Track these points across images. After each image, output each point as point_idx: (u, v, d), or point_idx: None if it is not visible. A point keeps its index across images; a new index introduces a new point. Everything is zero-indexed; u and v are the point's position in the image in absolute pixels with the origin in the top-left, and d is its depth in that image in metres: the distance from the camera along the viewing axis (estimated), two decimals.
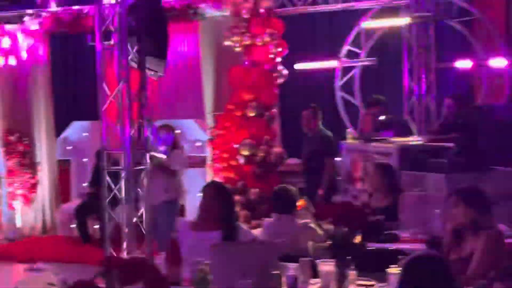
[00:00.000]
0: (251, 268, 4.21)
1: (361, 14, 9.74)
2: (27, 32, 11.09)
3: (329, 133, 9.14)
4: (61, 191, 11.80)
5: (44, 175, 11.49)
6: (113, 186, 7.75)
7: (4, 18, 11.04)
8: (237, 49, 9.72)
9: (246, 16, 9.59)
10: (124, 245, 7.60)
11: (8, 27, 11.14)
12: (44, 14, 10.86)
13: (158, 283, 3.55)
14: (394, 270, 3.99)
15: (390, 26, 9.61)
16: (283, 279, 4.16)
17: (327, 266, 4.25)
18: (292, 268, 4.29)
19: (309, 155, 9.14)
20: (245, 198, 9.35)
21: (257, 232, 6.05)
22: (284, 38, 9.71)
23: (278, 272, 4.18)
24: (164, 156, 8.39)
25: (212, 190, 5.32)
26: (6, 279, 9.59)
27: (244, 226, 5.53)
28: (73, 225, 10.86)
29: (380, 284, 4.20)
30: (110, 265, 3.58)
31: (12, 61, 11.32)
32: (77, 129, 11.94)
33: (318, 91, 10.81)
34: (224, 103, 10.01)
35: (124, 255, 7.57)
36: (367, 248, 4.78)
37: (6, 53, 11.26)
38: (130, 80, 7.47)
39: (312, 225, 5.78)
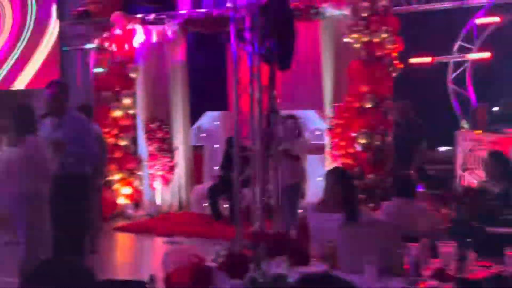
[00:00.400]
0: (375, 247, 4.18)
1: (473, 11, 9.47)
2: (167, 33, 11.33)
3: (420, 121, 8.95)
4: (195, 173, 12.04)
5: (181, 159, 11.73)
6: (244, 170, 7.88)
7: (147, 20, 11.31)
8: (356, 46, 9.61)
9: (364, 14, 9.48)
10: (255, 223, 7.70)
11: (150, 28, 11.41)
12: (182, 16, 11.08)
13: (301, 257, 3.59)
14: None
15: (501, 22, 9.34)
16: (405, 258, 4.11)
17: (447, 247, 4.17)
18: (413, 248, 4.21)
19: (401, 142, 8.98)
20: (361, 182, 9.25)
21: (376, 214, 5.99)
22: (400, 35, 9.53)
23: (400, 251, 4.13)
24: (291, 143, 8.39)
25: (335, 175, 5.31)
26: (148, 249, 10.00)
27: (365, 208, 5.49)
28: (206, 204, 11.06)
29: (499, 266, 4.07)
30: (258, 239, 3.65)
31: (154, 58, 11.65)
32: (209, 119, 12.16)
33: (431, 84, 10.56)
34: (342, 95, 9.94)
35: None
36: (486, 231, 4.66)
37: (148, 51, 11.54)
38: (261, 74, 7.55)
39: (430, 208, 5.69)
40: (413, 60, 10.07)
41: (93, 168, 7.21)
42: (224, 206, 10.75)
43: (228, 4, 9.76)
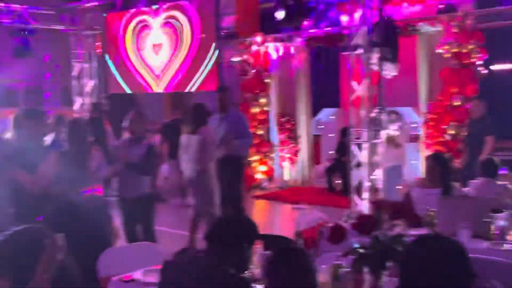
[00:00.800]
0: (468, 215, 4.11)
1: None
2: (295, 47, 11.42)
3: (489, 117, 8.49)
4: (315, 156, 12.03)
5: (304, 145, 11.76)
6: (356, 154, 7.86)
7: (279, 38, 11.41)
8: (446, 55, 9.28)
9: (454, 30, 9.13)
10: (364, 195, 7.71)
11: (281, 44, 11.51)
12: (306, 34, 11.09)
13: (414, 220, 3.58)
14: None
15: None
16: (493, 226, 4.02)
17: None
18: (499, 217, 4.10)
19: (476, 133, 8.58)
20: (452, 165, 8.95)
21: (466, 190, 5.82)
22: (484, 46, 9.12)
23: (488, 220, 4.03)
24: (394, 133, 8.26)
25: (435, 158, 5.23)
26: (279, 213, 10.18)
27: (457, 185, 5.35)
28: (322, 180, 11.12)
29: None
30: (380, 206, 3.66)
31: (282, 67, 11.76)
32: (326, 114, 12.16)
33: (510, 86, 10.06)
34: (435, 95, 9.65)
35: (364, 202, 7.68)
36: None
37: (280, 62, 11.67)
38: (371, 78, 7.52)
39: (510, 186, 5.48)
40: (495, 67, 9.59)
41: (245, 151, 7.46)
42: (337, 182, 10.73)
43: (344, 24, 9.76)
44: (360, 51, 7.63)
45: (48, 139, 6.19)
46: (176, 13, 10.70)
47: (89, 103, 11.56)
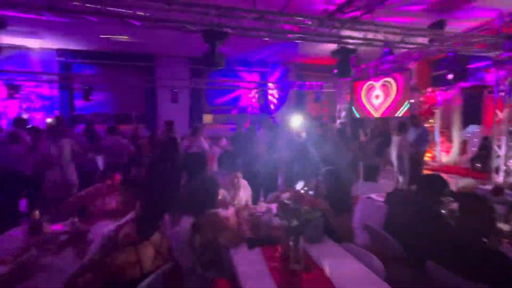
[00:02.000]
0: None
1: None
2: (451, 93, 10.26)
3: None
4: (462, 151, 10.37)
5: (456, 144, 10.38)
6: (497, 150, 6.85)
7: (441, 89, 10.35)
8: None
9: None
10: (500, 174, 6.72)
11: (443, 91, 10.41)
12: (459, 87, 9.82)
13: None
14: None
15: None
16: None
17: None
18: None
19: None
20: None
21: None
22: None
23: None
24: None
25: None
26: None
27: None
28: (467, 163, 9.61)
29: None
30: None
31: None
32: (472, 128, 10.51)
33: None
34: None
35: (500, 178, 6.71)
36: None
37: (443, 101, 10.56)
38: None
39: None
40: None
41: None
42: (477, 165, 9.24)
43: (488, 79, 8.47)
44: (502, 93, 6.71)
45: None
46: (389, 79, 10.72)
47: (340, 122, 12.13)
